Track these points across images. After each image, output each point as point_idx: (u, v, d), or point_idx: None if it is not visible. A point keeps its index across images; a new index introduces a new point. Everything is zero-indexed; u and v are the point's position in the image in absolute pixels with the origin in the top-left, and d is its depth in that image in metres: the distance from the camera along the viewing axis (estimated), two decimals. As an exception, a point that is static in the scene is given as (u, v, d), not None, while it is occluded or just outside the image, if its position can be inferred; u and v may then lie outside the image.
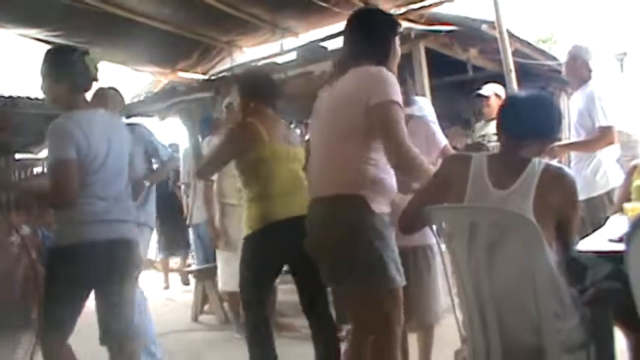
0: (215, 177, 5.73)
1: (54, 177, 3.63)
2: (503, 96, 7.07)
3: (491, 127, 7.15)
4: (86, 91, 3.92)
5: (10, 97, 9.67)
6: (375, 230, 3.20)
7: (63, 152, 3.62)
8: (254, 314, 4.40)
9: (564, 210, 2.88)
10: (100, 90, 5.25)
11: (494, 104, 7.06)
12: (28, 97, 9.73)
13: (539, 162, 2.89)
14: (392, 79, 3.24)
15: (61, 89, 3.80)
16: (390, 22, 3.63)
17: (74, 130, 3.67)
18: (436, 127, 4.35)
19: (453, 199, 3.05)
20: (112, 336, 3.96)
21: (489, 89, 7.26)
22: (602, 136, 5.30)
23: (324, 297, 4.38)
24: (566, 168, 2.98)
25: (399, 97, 3.21)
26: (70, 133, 3.66)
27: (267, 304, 4.52)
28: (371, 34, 3.47)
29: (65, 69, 3.79)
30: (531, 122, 3.00)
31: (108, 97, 5.29)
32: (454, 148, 7.45)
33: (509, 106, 3.24)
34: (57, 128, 3.66)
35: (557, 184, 2.86)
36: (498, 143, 3.15)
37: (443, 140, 4.21)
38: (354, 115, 3.22)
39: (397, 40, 3.53)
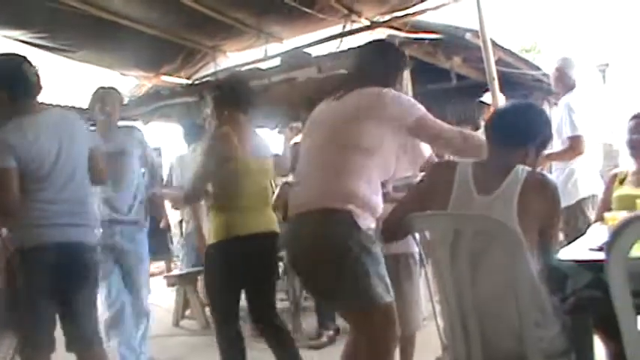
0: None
1: None
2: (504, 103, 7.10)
3: None
4: (31, 97, 3.88)
5: None
6: (361, 245, 3.18)
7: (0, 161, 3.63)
8: (228, 328, 4.41)
9: (546, 217, 2.89)
10: (100, 90, 5.26)
11: None
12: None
13: (523, 169, 2.90)
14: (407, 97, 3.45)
15: (3, 98, 3.79)
16: (404, 58, 3.88)
17: (13, 139, 3.68)
18: None
19: (436, 207, 3.04)
20: (77, 342, 3.93)
21: (490, 96, 7.30)
22: (569, 147, 5.42)
23: (273, 309, 4.50)
24: (549, 175, 3.01)
25: (422, 109, 3.37)
26: (7, 143, 3.66)
27: (238, 316, 4.50)
28: (388, 62, 3.62)
29: (3, 80, 3.79)
30: (513, 129, 3.05)
31: (107, 97, 5.28)
32: (437, 156, 7.50)
33: (495, 115, 3.32)
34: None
35: (540, 190, 2.88)
36: None
37: (428, 150, 4.21)
38: (366, 131, 3.26)
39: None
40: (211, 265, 4.42)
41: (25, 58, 3.87)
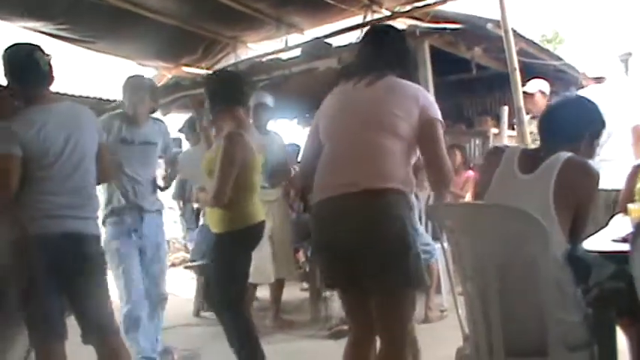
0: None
1: None
2: (548, 92, 7.07)
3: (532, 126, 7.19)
4: (43, 86, 3.91)
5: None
6: (412, 223, 3.19)
7: (2, 148, 3.66)
8: (247, 313, 4.71)
9: (581, 202, 2.94)
10: (129, 79, 5.28)
11: (540, 101, 7.10)
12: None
13: (565, 154, 2.96)
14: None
15: (16, 86, 3.85)
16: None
17: (20, 127, 3.71)
18: None
19: (482, 187, 3.20)
20: (91, 333, 3.95)
21: (534, 86, 7.29)
22: None
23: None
24: (590, 162, 3.03)
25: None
26: (13, 130, 3.69)
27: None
28: (407, 50, 3.65)
29: (16, 67, 3.83)
30: (561, 128, 3.16)
31: (144, 87, 5.31)
32: (457, 146, 7.51)
33: (545, 113, 3.42)
34: (2, 125, 3.72)
35: (578, 173, 2.94)
36: None
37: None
38: (396, 115, 3.24)
39: None
40: (231, 252, 4.59)
41: (37, 46, 3.90)
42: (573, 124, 3.15)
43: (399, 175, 3.19)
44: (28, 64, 3.82)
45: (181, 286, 9.42)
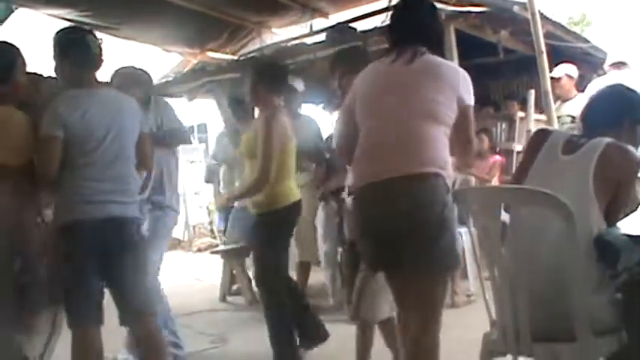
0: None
1: (37, 152, 3.77)
2: (575, 76, 7.01)
3: (565, 109, 7.13)
4: (91, 69, 3.97)
5: (40, 75, 9.70)
6: (451, 207, 3.17)
7: (47, 129, 3.72)
8: (296, 295, 5.08)
9: (620, 185, 2.96)
10: (122, 69, 5.26)
11: (568, 85, 7.08)
12: (56, 77, 9.74)
13: (606, 138, 3.01)
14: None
15: (65, 68, 3.93)
16: None
17: (64, 110, 3.76)
18: None
19: (524, 167, 3.25)
20: (131, 315, 3.99)
21: (561, 70, 7.27)
22: None
23: None
24: (631, 147, 3.07)
25: None
26: (58, 111, 3.75)
27: None
28: (436, 26, 3.62)
29: (67, 48, 3.90)
30: (600, 117, 3.22)
31: (127, 76, 5.27)
32: (484, 130, 7.47)
33: (586, 104, 3.48)
34: (49, 106, 3.78)
35: (618, 157, 2.96)
36: (573, 124, 3.41)
37: None
38: (437, 100, 3.21)
39: None
40: (272, 231, 4.91)
41: (89, 30, 4.02)
42: (613, 112, 3.20)
43: (439, 159, 3.17)
44: (79, 46, 3.90)
45: (207, 272, 9.47)
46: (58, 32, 4.02)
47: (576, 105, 6.80)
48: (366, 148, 3.34)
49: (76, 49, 3.89)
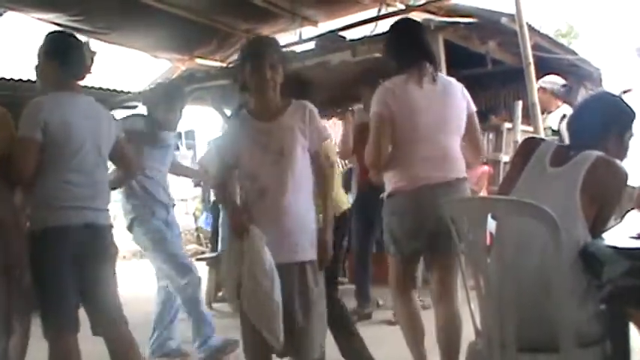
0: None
1: (14, 153, 3.67)
2: (552, 87, 7.05)
3: (549, 121, 7.17)
4: (78, 79, 3.96)
5: (28, 80, 9.68)
6: None
7: (25, 131, 3.67)
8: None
9: (606, 199, 2.97)
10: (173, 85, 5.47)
11: (544, 97, 7.10)
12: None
13: (596, 152, 3.00)
14: None
15: (52, 70, 3.87)
16: None
17: (46, 113, 3.72)
18: None
19: (511, 178, 3.32)
20: (102, 324, 3.96)
21: (540, 82, 7.28)
22: None
23: None
24: (619, 162, 3.05)
25: None
26: (39, 114, 3.70)
27: None
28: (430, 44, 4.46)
29: (61, 52, 3.87)
30: (585, 128, 3.21)
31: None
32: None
33: (572, 113, 3.59)
34: (30, 106, 3.73)
35: (606, 172, 2.96)
36: (554, 137, 3.47)
37: None
38: (459, 117, 4.12)
39: None
40: None
41: (87, 43, 4.01)
42: (600, 122, 3.18)
43: (464, 167, 4.15)
44: (74, 52, 3.90)
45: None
46: (52, 33, 4.04)
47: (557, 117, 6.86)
48: (413, 159, 4.04)
49: (69, 54, 3.88)
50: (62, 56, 3.86)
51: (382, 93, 4.08)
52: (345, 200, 5.01)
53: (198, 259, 8.90)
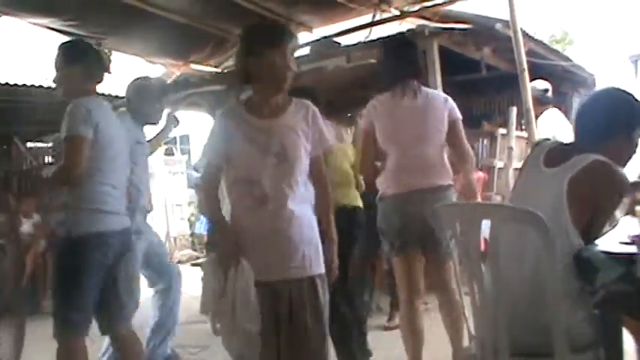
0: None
1: (65, 152, 3.68)
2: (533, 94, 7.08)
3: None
4: (99, 82, 4.00)
5: (23, 85, 9.69)
6: None
7: (78, 129, 3.67)
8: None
9: (598, 204, 2.86)
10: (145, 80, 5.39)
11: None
12: (40, 86, 9.74)
13: (594, 155, 2.87)
14: None
15: (77, 79, 3.89)
16: None
17: (94, 111, 3.74)
18: None
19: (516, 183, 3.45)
20: (116, 323, 4.01)
21: None
22: None
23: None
24: (615, 168, 2.87)
25: None
26: (89, 113, 3.72)
27: None
28: (420, 61, 4.82)
29: (81, 59, 3.91)
30: (589, 122, 3.09)
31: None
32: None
33: (578, 107, 3.38)
34: (77, 106, 3.73)
35: (600, 177, 2.84)
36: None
37: None
38: (439, 128, 4.39)
39: None
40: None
41: (100, 43, 4.08)
42: (607, 119, 3.01)
43: (449, 174, 4.45)
44: (95, 55, 4.00)
45: (188, 284, 9.41)
46: (69, 44, 4.08)
47: (543, 122, 6.85)
48: (397, 168, 4.36)
49: (90, 63, 3.93)
50: (83, 62, 3.89)
51: (368, 110, 4.54)
52: (358, 199, 5.02)
53: (193, 265, 8.92)
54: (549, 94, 7.17)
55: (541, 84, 7.12)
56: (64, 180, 3.76)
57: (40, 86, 9.74)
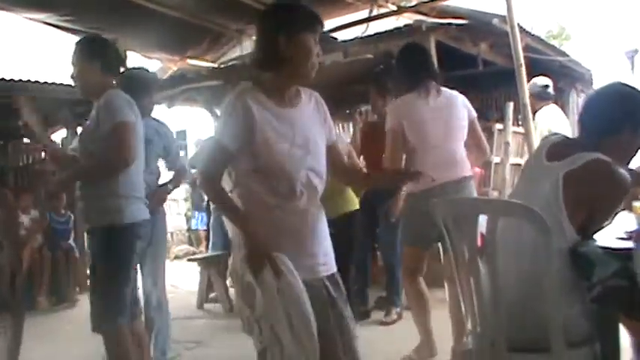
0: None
1: (119, 136, 3.71)
2: (529, 89, 7.08)
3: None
4: (117, 75, 4.09)
5: (19, 80, 9.66)
6: None
7: (128, 116, 3.77)
8: None
9: (594, 202, 2.84)
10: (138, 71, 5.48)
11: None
12: (37, 81, 9.72)
13: (594, 154, 2.84)
14: None
15: (97, 75, 3.93)
16: None
17: (130, 101, 3.86)
18: None
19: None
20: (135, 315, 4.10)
21: None
22: None
23: None
24: (616, 168, 2.83)
25: None
26: (130, 102, 3.84)
27: None
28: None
29: (101, 56, 3.95)
30: (594, 117, 3.05)
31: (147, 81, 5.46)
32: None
33: (583, 102, 3.51)
34: (118, 96, 3.84)
35: (597, 176, 2.82)
36: None
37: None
38: (462, 125, 4.74)
39: None
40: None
41: (116, 39, 4.20)
42: (613, 114, 2.98)
43: (469, 166, 4.79)
44: (113, 50, 4.07)
45: (185, 279, 9.44)
46: (87, 40, 4.19)
47: (540, 118, 6.85)
48: (426, 164, 4.38)
49: (109, 59, 3.99)
50: (102, 57, 3.94)
51: (395, 110, 4.84)
52: (355, 201, 5.07)
53: (189, 260, 8.91)
54: (549, 89, 7.18)
55: (542, 80, 7.13)
56: (115, 166, 3.77)
57: (37, 81, 9.72)
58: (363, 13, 8.79)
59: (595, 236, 2.92)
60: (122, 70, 4.13)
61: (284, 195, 2.93)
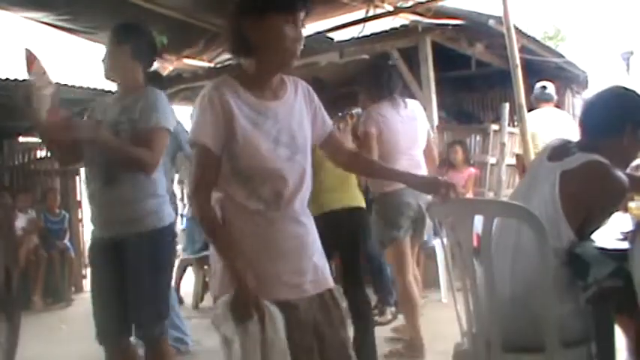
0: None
1: (160, 141, 3.59)
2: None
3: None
4: (147, 66, 3.91)
5: (15, 79, 9.64)
6: None
7: (171, 124, 3.66)
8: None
9: (591, 204, 2.85)
10: None
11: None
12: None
13: (593, 156, 2.85)
14: None
15: (126, 59, 3.73)
16: None
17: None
18: None
19: None
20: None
21: None
22: None
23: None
24: (613, 170, 2.83)
25: None
26: (172, 109, 3.76)
27: None
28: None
29: (132, 40, 3.75)
30: (594, 119, 3.07)
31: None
32: (458, 142, 7.69)
33: (583, 105, 3.45)
34: (165, 99, 3.72)
35: (594, 178, 2.83)
36: None
37: None
38: (423, 135, 5.33)
39: None
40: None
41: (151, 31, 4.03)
42: (613, 116, 3.00)
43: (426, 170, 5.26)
44: (152, 43, 3.95)
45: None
46: (127, 28, 3.86)
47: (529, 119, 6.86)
48: (398, 167, 4.53)
49: (149, 49, 3.88)
50: (133, 42, 3.77)
51: (374, 117, 5.14)
52: (360, 197, 5.07)
53: (182, 260, 8.90)
54: (548, 90, 7.21)
55: (543, 83, 7.19)
56: (146, 168, 3.57)
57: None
58: (360, 14, 8.79)
59: (593, 237, 2.93)
60: (154, 60, 3.99)
61: (268, 201, 2.58)
